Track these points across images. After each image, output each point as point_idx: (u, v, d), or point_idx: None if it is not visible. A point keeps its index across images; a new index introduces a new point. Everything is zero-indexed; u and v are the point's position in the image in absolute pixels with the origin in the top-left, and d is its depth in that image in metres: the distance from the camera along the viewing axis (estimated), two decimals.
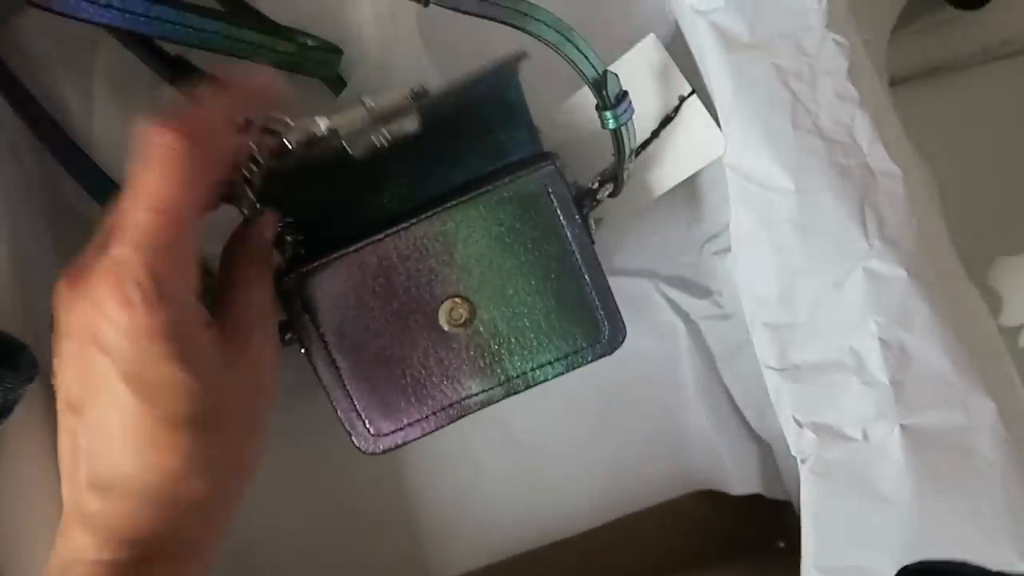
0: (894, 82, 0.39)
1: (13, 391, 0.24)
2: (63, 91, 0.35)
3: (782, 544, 0.42)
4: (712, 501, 0.41)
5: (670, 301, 0.40)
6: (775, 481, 0.39)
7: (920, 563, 0.46)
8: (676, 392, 0.40)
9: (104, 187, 0.34)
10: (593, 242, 0.34)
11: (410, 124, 0.29)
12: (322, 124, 0.29)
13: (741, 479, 0.39)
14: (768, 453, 0.39)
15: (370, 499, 0.40)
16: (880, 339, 0.28)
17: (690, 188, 0.39)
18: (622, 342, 0.34)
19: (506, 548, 0.40)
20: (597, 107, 0.32)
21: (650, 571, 0.41)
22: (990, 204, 0.44)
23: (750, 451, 0.39)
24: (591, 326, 0.34)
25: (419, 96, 0.30)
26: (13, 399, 0.24)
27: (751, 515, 0.42)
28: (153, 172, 0.23)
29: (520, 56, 0.31)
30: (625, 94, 0.32)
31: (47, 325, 0.30)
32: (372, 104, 0.29)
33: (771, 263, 0.30)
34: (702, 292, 0.39)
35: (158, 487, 0.24)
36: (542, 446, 0.40)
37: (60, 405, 0.25)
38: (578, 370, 0.39)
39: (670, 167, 0.37)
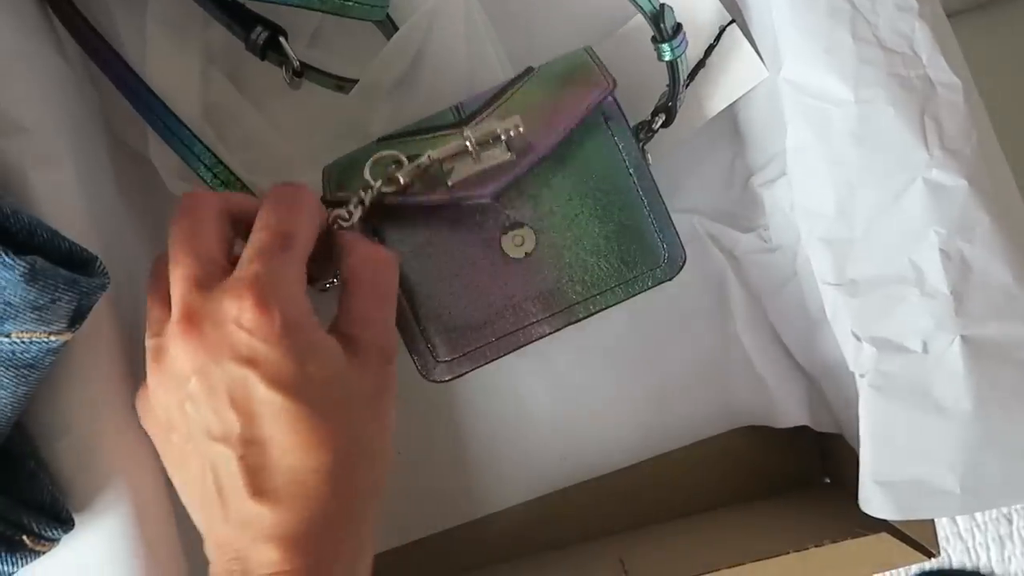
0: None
1: (88, 296, 0.25)
2: (120, 30, 0.36)
3: (828, 480, 0.41)
4: (757, 438, 0.41)
5: (714, 238, 0.40)
6: (823, 413, 0.39)
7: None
8: (720, 328, 0.40)
9: (160, 117, 0.35)
10: (650, 170, 0.35)
11: (502, 153, 0.32)
12: (426, 157, 0.32)
13: (787, 412, 0.39)
14: (815, 386, 0.39)
15: (416, 434, 0.40)
16: (940, 250, 0.28)
17: (732, 123, 0.39)
18: (682, 266, 0.34)
19: (548, 483, 0.40)
20: (653, 39, 0.32)
21: (693, 508, 0.41)
22: None
23: (797, 384, 0.39)
24: (651, 251, 0.35)
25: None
26: (87, 304, 0.25)
27: (796, 452, 0.42)
28: (276, 205, 0.28)
29: None
30: (680, 26, 0.32)
31: (110, 242, 0.32)
32: (471, 135, 0.32)
33: (828, 177, 0.29)
34: (747, 227, 0.39)
35: (323, 478, 0.25)
36: (585, 383, 0.40)
37: (197, 441, 0.26)
38: (622, 307, 0.40)
39: (713, 96, 0.37)
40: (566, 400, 0.41)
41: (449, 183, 0.33)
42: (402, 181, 0.32)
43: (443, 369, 0.36)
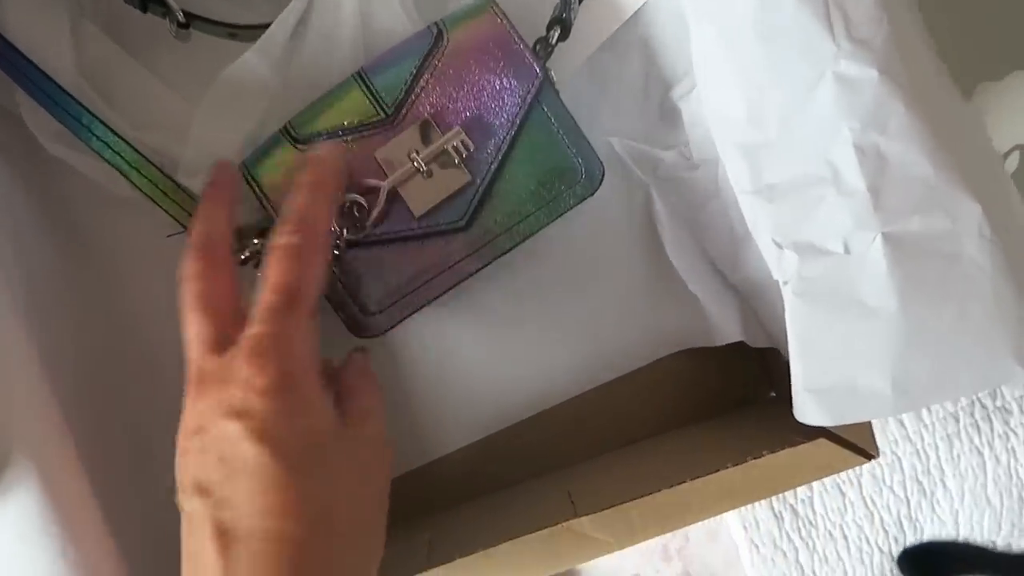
0: None
1: None
2: None
3: (773, 394, 0.41)
4: (696, 359, 0.40)
5: (635, 160, 0.38)
6: (756, 329, 0.38)
7: (920, 544, 0.47)
8: (648, 253, 0.39)
9: (30, 76, 0.33)
10: (554, 84, 0.34)
11: (459, 174, 0.34)
12: (386, 188, 0.33)
13: (721, 330, 0.38)
14: (746, 303, 0.38)
15: None
16: (855, 145, 0.27)
17: (642, 37, 0.37)
18: (601, 179, 0.34)
19: (491, 424, 0.40)
20: None
21: (640, 434, 0.41)
22: (973, 30, 0.42)
23: (728, 302, 0.39)
24: (567, 169, 0.34)
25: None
26: None
27: (738, 369, 0.41)
28: (282, 260, 0.28)
29: None
30: None
31: None
32: (420, 162, 0.33)
33: (736, 80, 0.28)
34: (667, 144, 0.38)
35: (288, 550, 0.25)
36: (517, 321, 0.39)
37: (186, 496, 0.26)
38: (549, 242, 0.39)
39: (612, 4, 0.35)
40: (501, 340, 0.40)
41: (416, 215, 0.34)
42: (366, 227, 0.34)
43: (374, 322, 0.35)
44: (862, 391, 0.28)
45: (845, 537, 0.47)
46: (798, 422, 0.32)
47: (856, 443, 0.31)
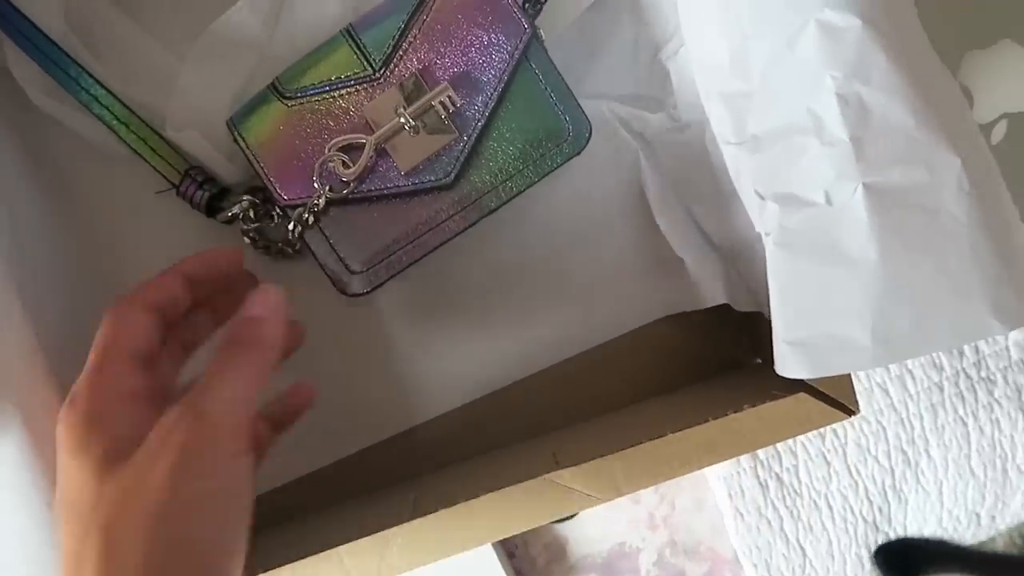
0: None
1: None
2: None
3: (759, 360, 0.41)
4: (682, 325, 0.41)
5: (624, 122, 0.39)
6: (741, 292, 0.38)
7: (895, 540, 0.47)
8: (634, 216, 0.39)
9: (16, 25, 0.33)
10: (544, 47, 0.34)
11: (446, 133, 0.34)
12: (371, 152, 0.33)
13: (707, 293, 0.39)
14: (732, 266, 0.39)
15: (341, 351, 0.39)
16: (837, 95, 0.27)
17: (633, 0, 0.37)
18: (588, 138, 0.34)
19: (478, 388, 0.40)
20: None
21: (626, 400, 0.41)
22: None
23: (714, 265, 0.39)
24: (554, 127, 0.34)
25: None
26: None
27: (723, 335, 0.41)
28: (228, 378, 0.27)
29: None
30: None
31: None
32: (407, 116, 0.33)
33: (720, 28, 0.28)
34: (656, 106, 0.38)
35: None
36: (503, 284, 0.39)
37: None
38: (536, 205, 0.39)
39: None
40: (486, 305, 0.40)
41: (403, 171, 0.34)
42: (350, 183, 0.34)
43: (359, 281, 0.35)
44: (842, 342, 0.28)
45: (830, 507, 0.47)
46: (780, 385, 0.33)
47: (836, 397, 0.31)
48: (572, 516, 0.47)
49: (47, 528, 0.30)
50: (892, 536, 0.49)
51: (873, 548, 0.48)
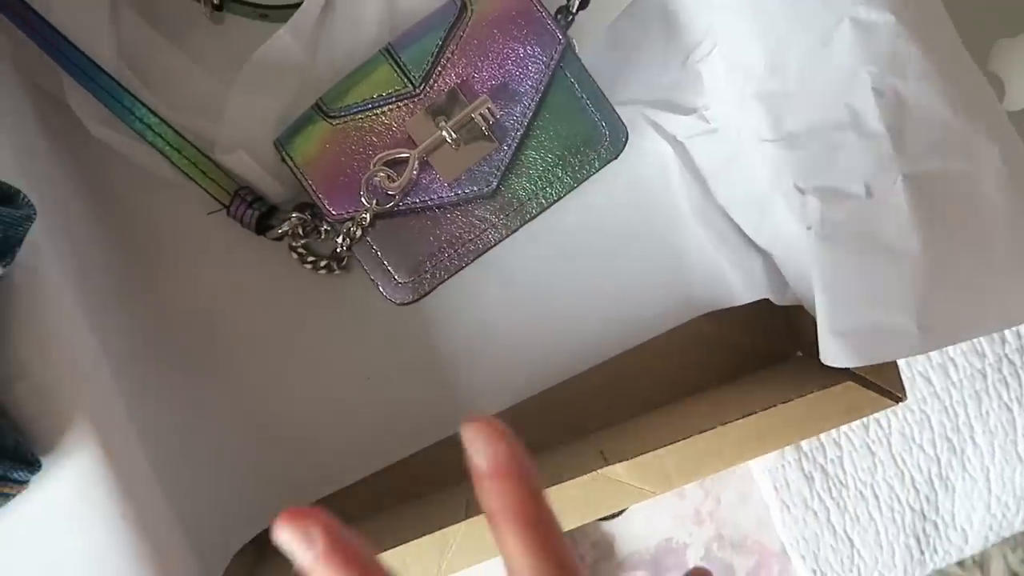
0: None
1: (13, 227, 0.24)
2: None
3: (800, 354, 0.42)
4: (723, 321, 0.41)
5: (655, 125, 0.39)
6: (781, 286, 0.39)
7: None
8: (672, 217, 0.40)
9: (74, 60, 0.34)
10: (578, 55, 0.35)
11: (485, 143, 0.35)
12: (415, 167, 0.34)
13: (746, 289, 0.39)
14: (771, 262, 0.39)
15: (387, 357, 0.40)
16: (874, 89, 0.28)
17: (662, 6, 0.38)
18: (625, 142, 0.35)
19: (526, 389, 0.41)
20: None
21: (671, 397, 0.42)
22: None
23: (752, 261, 0.39)
24: (591, 133, 0.35)
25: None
26: (15, 236, 0.25)
27: (764, 329, 0.42)
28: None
29: None
30: None
31: (38, 181, 0.31)
32: (449, 130, 0.34)
33: (755, 30, 0.29)
34: (687, 110, 0.38)
35: None
36: (545, 288, 0.40)
37: None
38: (574, 210, 0.40)
39: None
40: (531, 308, 0.41)
41: (446, 182, 0.35)
42: (396, 196, 0.35)
43: (407, 290, 0.37)
44: (887, 331, 0.29)
45: (876, 496, 0.48)
46: (825, 375, 0.33)
47: (883, 385, 0.31)
48: (619, 514, 0.47)
49: (122, 539, 0.31)
50: (940, 525, 0.49)
51: (921, 536, 0.48)
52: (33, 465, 0.27)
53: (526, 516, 0.20)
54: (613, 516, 0.48)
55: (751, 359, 0.42)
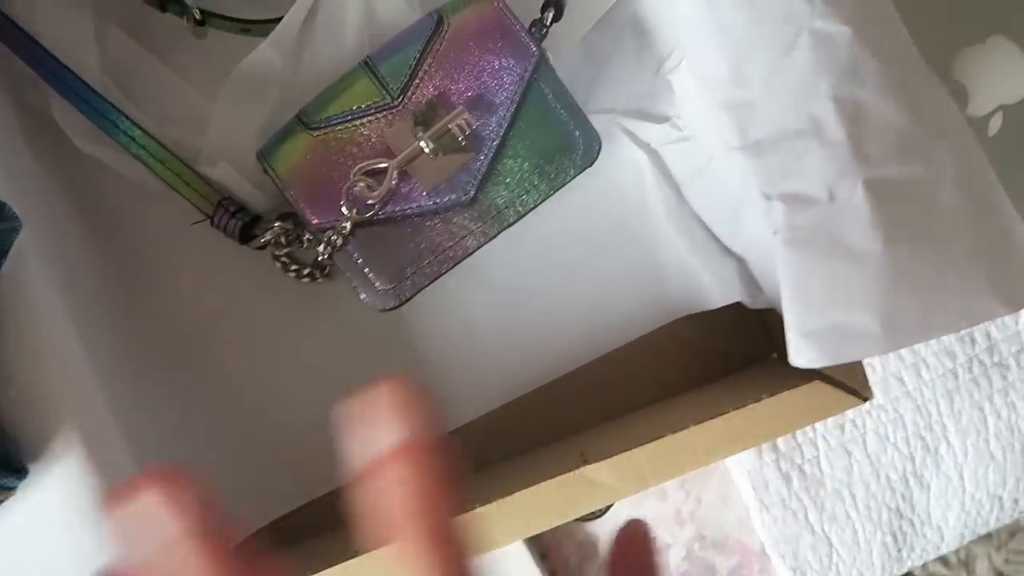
0: None
1: None
2: None
3: (775, 355, 0.43)
4: (699, 324, 0.42)
5: (630, 134, 0.40)
6: (755, 290, 0.40)
7: None
8: (647, 223, 0.41)
9: (59, 76, 0.35)
10: (549, 62, 0.36)
11: (462, 153, 0.36)
12: (393, 176, 0.35)
13: (721, 293, 0.40)
14: (744, 266, 0.40)
15: (369, 363, 0.41)
16: (834, 98, 0.29)
17: (634, 19, 0.39)
18: (599, 152, 0.36)
19: (505, 394, 0.41)
20: None
21: (650, 400, 0.43)
22: None
23: (726, 266, 0.40)
24: (566, 141, 0.36)
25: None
26: (1, 247, 0.25)
27: (739, 332, 0.43)
28: None
29: None
30: None
31: (23, 194, 0.32)
32: (427, 140, 0.35)
33: (718, 42, 0.30)
34: (660, 118, 0.39)
35: None
36: (523, 294, 0.41)
37: None
38: (550, 217, 0.41)
39: None
40: (510, 314, 0.41)
41: (424, 192, 0.36)
42: (375, 205, 0.36)
43: (388, 296, 0.37)
44: (853, 331, 0.30)
45: (853, 496, 0.49)
46: (796, 376, 0.34)
47: (850, 385, 0.32)
48: (603, 513, 0.48)
49: (109, 546, 0.31)
50: (916, 522, 0.50)
51: (898, 534, 0.49)
52: (20, 472, 0.27)
53: None
54: (596, 516, 0.49)
55: (727, 361, 0.43)
